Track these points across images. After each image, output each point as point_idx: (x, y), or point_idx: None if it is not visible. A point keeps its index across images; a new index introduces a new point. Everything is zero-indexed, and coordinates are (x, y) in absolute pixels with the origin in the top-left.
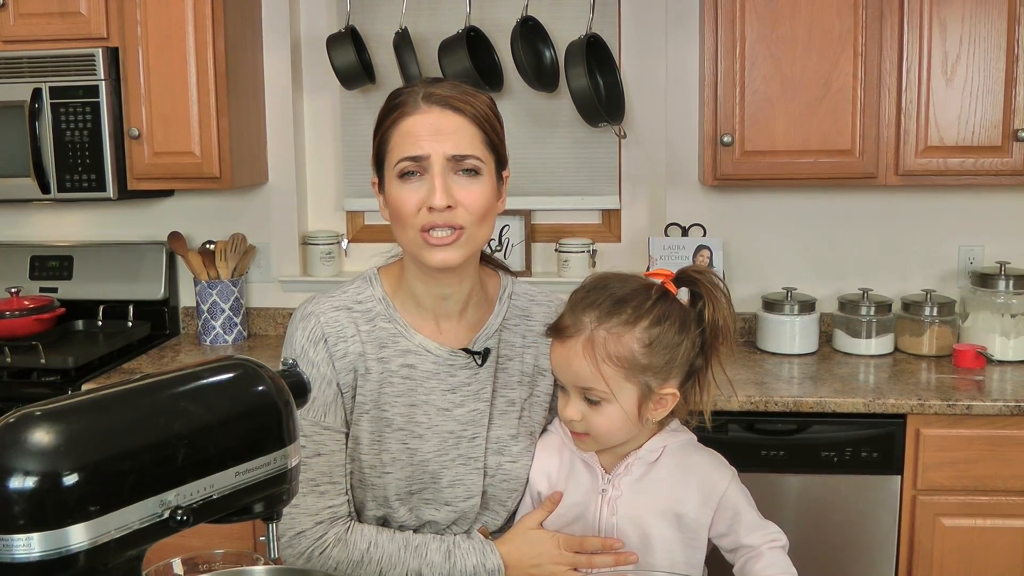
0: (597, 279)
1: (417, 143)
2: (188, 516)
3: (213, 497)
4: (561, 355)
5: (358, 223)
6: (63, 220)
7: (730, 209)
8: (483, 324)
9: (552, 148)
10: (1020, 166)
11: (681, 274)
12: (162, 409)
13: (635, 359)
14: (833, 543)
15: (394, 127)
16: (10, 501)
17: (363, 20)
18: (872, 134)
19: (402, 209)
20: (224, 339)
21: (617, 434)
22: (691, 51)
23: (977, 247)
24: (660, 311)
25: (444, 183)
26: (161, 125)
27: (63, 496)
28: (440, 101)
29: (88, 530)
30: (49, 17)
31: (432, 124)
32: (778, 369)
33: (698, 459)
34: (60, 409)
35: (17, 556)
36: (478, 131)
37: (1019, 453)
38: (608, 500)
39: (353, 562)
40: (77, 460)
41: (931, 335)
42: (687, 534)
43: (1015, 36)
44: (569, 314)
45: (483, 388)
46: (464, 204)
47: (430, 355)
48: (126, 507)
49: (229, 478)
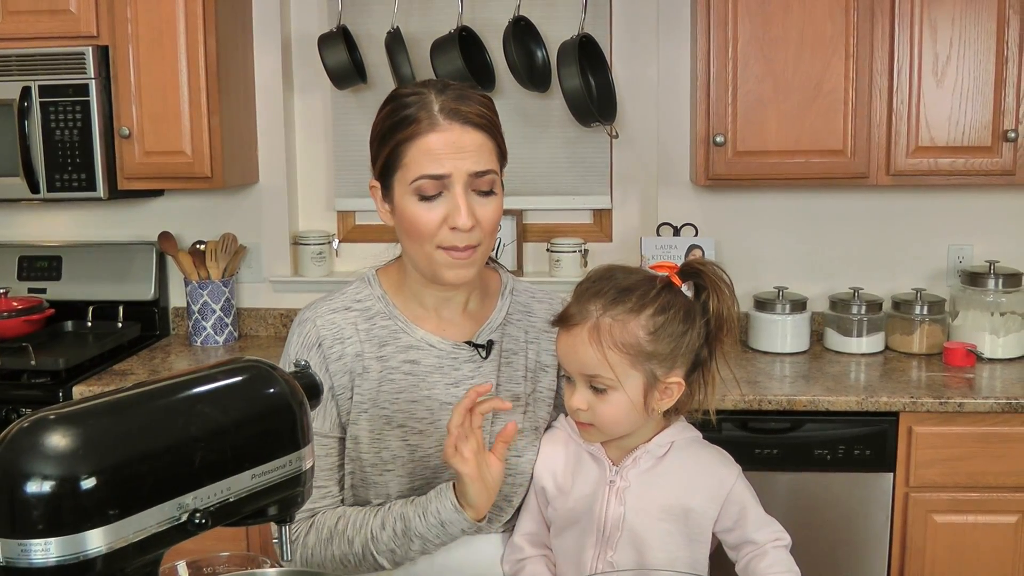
0: (603, 270)
1: (439, 162)
2: (206, 519)
3: (230, 500)
4: (567, 343)
5: (349, 223)
6: (52, 220)
7: (722, 209)
8: (486, 318)
9: (544, 148)
10: (1010, 166)
11: (685, 267)
12: (178, 412)
13: (640, 346)
14: (826, 540)
15: (411, 142)
16: (29, 506)
17: (354, 19)
18: (863, 134)
19: (420, 227)
20: (215, 340)
21: (623, 424)
22: (682, 52)
23: (966, 246)
24: (664, 300)
25: (468, 204)
26: (152, 124)
27: (82, 500)
28: (461, 118)
29: (106, 534)
30: (39, 15)
31: (454, 142)
32: (770, 368)
33: (705, 455)
34: (76, 413)
35: (35, 561)
36: (493, 143)
37: (1010, 450)
38: (616, 491)
39: (323, 540)
40: (96, 464)
41: (921, 333)
42: (693, 528)
43: (1004, 38)
44: (575, 303)
45: (487, 382)
46: (482, 222)
47: (433, 349)
48: (144, 511)
49: (245, 481)
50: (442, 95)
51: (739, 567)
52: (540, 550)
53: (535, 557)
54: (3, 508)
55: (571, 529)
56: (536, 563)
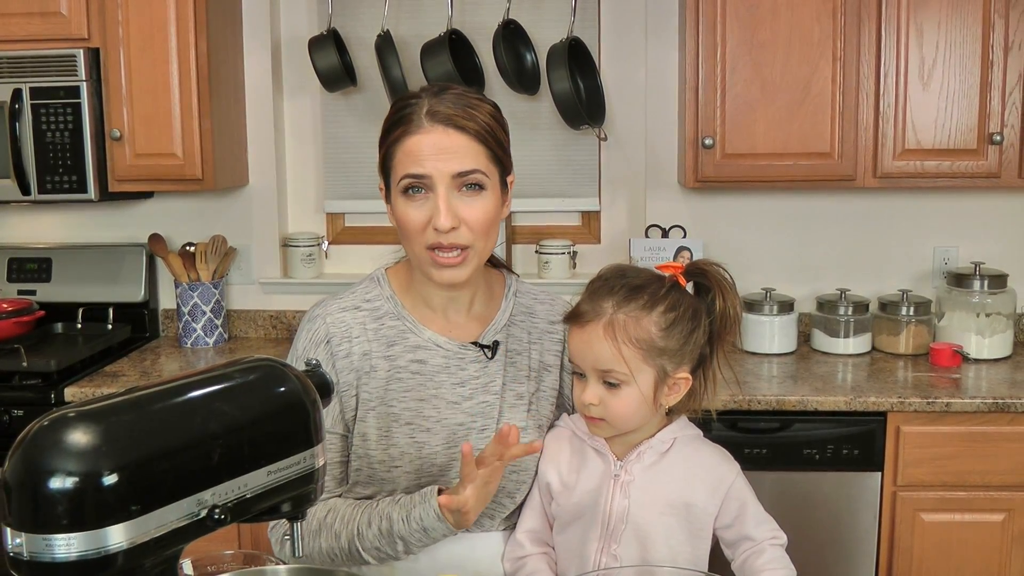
0: (613, 269)
1: (419, 162)
2: (226, 515)
3: (247, 496)
4: (582, 340)
5: (339, 225)
6: (41, 222)
7: (709, 210)
8: (491, 319)
9: (532, 150)
10: (995, 169)
11: (691, 267)
12: (196, 409)
13: (653, 342)
14: (815, 539)
15: (398, 143)
16: (52, 501)
17: (344, 22)
18: (850, 137)
19: (407, 226)
20: (205, 341)
21: (633, 418)
22: (670, 55)
23: (952, 248)
24: (674, 298)
25: (448, 204)
26: (143, 126)
27: (105, 496)
28: (443, 119)
29: (128, 530)
30: (29, 17)
31: (434, 143)
32: (758, 368)
33: (707, 451)
34: (97, 410)
35: (57, 556)
36: (482, 147)
37: (996, 449)
38: (621, 485)
39: (312, 532)
40: (119, 460)
41: (908, 334)
42: (694, 524)
43: (990, 42)
44: (587, 301)
45: (492, 381)
46: (468, 222)
47: (440, 349)
48: (165, 506)
49: (261, 477)
50: (435, 98)
51: (735, 565)
52: (541, 547)
53: (536, 555)
54: (27, 504)
55: (575, 524)
56: (537, 561)
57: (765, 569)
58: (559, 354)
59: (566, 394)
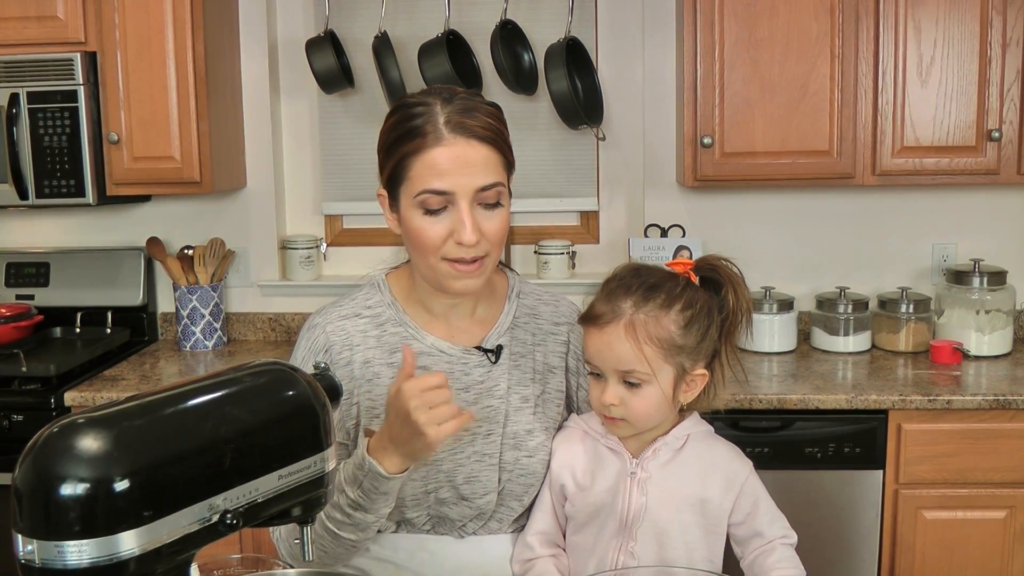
0: (627, 268)
1: (443, 178)
2: (238, 520)
3: (258, 500)
4: (601, 341)
5: (336, 227)
6: (39, 226)
7: (708, 209)
8: (494, 322)
9: (530, 150)
10: (993, 165)
11: (701, 262)
12: (207, 414)
13: (673, 340)
14: (817, 538)
15: (416, 156)
16: (64, 508)
17: (341, 24)
18: (849, 135)
19: (424, 240)
20: (204, 345)
21: (653, 416)
22: (667, 54)
23: (951, 245)
24: (690, 296)
25: (472, 219)
26: (140, 130)
27: (116, 502)
28: (467, 131)
29: (140, 536)
30: (26, 21)
31: (459, 157)
32: (759, 367)
33: (720, 448)
34: (107, 416)
35: (69, 562)
36: (498, 156)
37: (997, 446)
38: (638, 482)
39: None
40: (130, 466)
41: (907, 332)
42: (710, 520)
43: (987, 39)
44: (604, 301)
45: (497, 385)
46: (487, 235)
47: (443, 355)
48: (176, 512)
49: (272, 481)
50: (448, 105)
51: (745, 563)
52: (550, 550)
53: (545, 557)
54: (39, 511)
55: (591, 524)
56: (545, 563)
57: (775, 568)
58: (563, 356)
59: (571, 395)
